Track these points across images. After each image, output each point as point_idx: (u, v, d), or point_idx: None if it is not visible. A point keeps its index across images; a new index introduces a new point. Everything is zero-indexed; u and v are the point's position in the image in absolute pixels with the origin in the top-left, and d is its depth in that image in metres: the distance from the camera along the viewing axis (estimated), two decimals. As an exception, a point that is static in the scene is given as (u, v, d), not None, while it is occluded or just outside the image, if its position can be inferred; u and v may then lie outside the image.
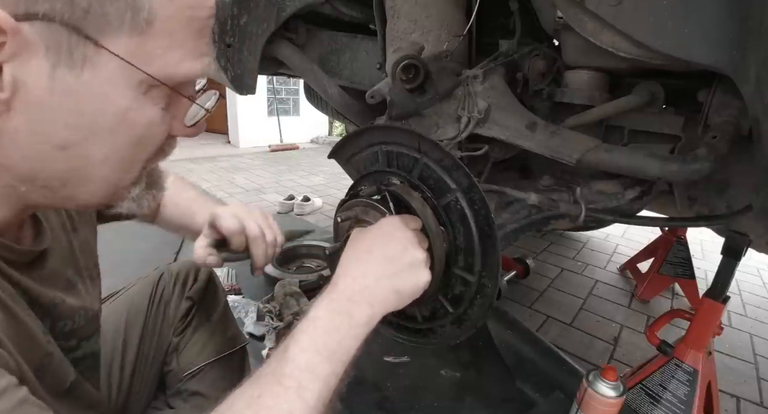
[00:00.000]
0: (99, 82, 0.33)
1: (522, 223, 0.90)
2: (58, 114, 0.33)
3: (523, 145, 0.92)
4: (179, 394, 0.86)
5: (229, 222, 0.67)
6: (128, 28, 0.33)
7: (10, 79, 0.31)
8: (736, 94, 0.72)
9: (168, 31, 0.34)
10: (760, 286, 2.42)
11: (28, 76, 0.31)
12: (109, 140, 0.37)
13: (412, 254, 0.55)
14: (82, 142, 0.36)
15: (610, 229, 3.02)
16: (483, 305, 0.70)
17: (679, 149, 0.88)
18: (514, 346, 1.33)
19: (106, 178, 0.39)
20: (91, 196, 0.40)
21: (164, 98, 0.39)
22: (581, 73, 0.93)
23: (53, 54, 0.31)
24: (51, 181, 0.37)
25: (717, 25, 0.65)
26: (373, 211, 0.71)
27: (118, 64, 0.33)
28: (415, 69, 0.87)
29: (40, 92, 0.32)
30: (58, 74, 0.32)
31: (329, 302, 0.49)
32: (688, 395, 1.12)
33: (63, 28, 0.30)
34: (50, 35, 0.30)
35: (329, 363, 0.43)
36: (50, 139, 0.34)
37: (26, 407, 0.32)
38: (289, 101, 6.70)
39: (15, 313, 0.41)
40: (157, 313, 0.86)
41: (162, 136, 0.41)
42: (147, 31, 0.33)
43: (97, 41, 0.32)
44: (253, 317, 1.45)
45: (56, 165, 0.36)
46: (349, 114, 1.28)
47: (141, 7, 0.32)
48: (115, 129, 0.36)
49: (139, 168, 0.42)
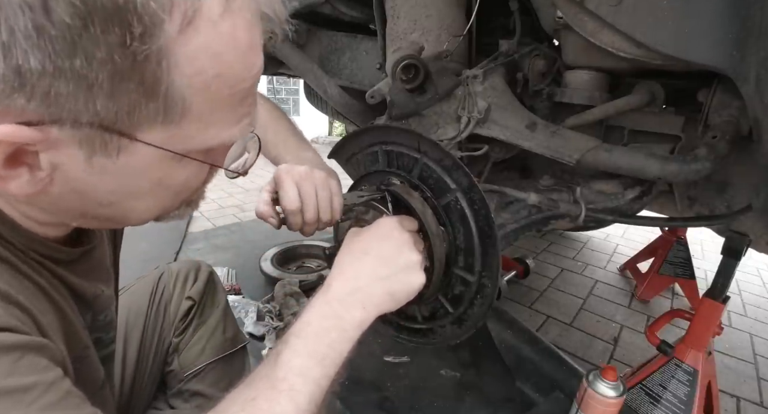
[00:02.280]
0: (135, 164, 0.34)
1: (522, 223, 0.90)
2: (98, 186, 0.35)
3: (523, 145, 0.92)
4: (180, 395, 0.86)
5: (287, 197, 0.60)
6: (162, 122, 0.32)
7: (47, 162, 0.32)
8: (736, 94, 0.72)
9: (205, 114, 0.34)
10: (760, 286, 2.42)
11: (65, 161, 0.32)
12: (149, 198, 0.39)
13: (407, 256, 0.56)
14: (123, 201, 0.38)
15: (610, 229, 3.02)
16: (483, 305, 0.70)
17: (679, 149, 0.88)
18: (514, 346, 1.33)
19: (146, 214, 0.42)
20: (137, 222, 0.43)
21: (201, 157, 0.39)
22: (581, 73, 0.93)
23: (87, 148, 0.32)
24: (100, 219, 0.41)
25: (717, 25, 0.65)
26: (372, 211, 0.71)
27: (152, 150, 0.33)
28: (415, 69, 0.87)
29: (78, 172, 0.33)
30: (95, 160, 0.32)
31: (321, 305, 0.50)
32: (688, 395, 1.12)
33: (95, 129, 0.30)
34: (82, 135, 0.31)
35: (321, 367, 0.44)
36: (94, 200, 0.37)
37: (71, 399, 0.34)
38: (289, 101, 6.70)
39: (61, 307, 0.43)
40: (158, 313, 0.86)
41: (201, 181, 0.43)
42: (182, 120, 0.33)
43: (131, 135, 0.32)
44: (253, 317, 1.45)
45: (103, 214, 0.39)
46: (349, 114, 1.28)
47: (174, 103, 0.31)
48: (153, 190, 0.38)
49: (178, 203, 0.44)
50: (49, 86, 0.27)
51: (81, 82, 0.27)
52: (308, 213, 0.61)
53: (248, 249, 2.18)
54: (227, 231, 2.54)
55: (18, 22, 0.25)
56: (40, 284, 0.42)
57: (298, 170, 0.62)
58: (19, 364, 0.32)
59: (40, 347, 0.35)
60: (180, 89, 0.31)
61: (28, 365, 0.32)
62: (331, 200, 0.63)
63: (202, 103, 0.32)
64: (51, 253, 0.44)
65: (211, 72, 0.31)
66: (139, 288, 0.88)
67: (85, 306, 0.51)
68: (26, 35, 0.25)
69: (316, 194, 0.61)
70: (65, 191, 0.35)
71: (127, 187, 0.36)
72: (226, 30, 0.30)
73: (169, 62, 0.29)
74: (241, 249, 2.21)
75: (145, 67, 0.28)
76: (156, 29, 0.27)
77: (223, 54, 0.31)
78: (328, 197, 0.63)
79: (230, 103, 0.35)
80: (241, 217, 2.87)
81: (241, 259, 2.05)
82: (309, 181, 0.61)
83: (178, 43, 0.29)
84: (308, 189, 0.61)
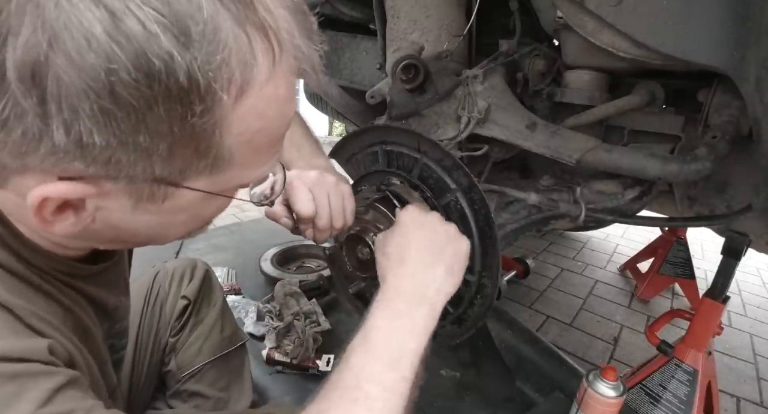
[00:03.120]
0: (177, 205, 0.36)
1: (522, 223, 0.90)
2: (138, 224, 0.37)
3: (523, 145, 0.92)
4: (179, 395, 0.86)
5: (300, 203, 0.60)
6: (209, 172, 0.34)
7: (94, 206, 0.34)
8: (736, 94, 0.72)
9: (246, 161, 0.36)
10: (760, 286, 2.42)
11: (111, 206, 0.34)
12: (182, 228, 0.42)
13: (444, 230, 0.58)
14: (159, 232, 0.41)
15: (610, 229, 3.01)
16: (483, 305, 0.70)
17: (679, 149, 0.88)
18: (514, 346, 1.33)
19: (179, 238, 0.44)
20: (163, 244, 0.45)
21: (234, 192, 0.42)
22: (581, 73, 0.93)
23: (136, 197, 0.34)
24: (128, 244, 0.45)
25: (717, 25, 0.65)
26: (372, 212, 0.71)
27: (196, 193, 0.36)
28: (415, 69, 0.87)
29: (122, 215, 0.35)
30: (140, 205, 0.35)
31: (385, 308, 0.50)
32: (688, 395, 1.12)
33: (145, 183, 0.32)
34: (133, 187, 0.33)
35: (394, 371, 0.44)
36: (130, 232, 0.39)
37: None
38: (289, 101, 6.69)
39: (85, 324, 0.44)
40: (153, 313, 0.86)
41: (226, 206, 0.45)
42: (226, 169, 0.35)
43: (178, 185, 0.34)
44: (253, 317, 1.44)
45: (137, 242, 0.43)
46: (349, 114, 1.28)
47: (221, 159, 0.34)
48: (187, 222, 0.41)
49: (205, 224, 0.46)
50: (110, 156, 0.29)
51: (142, 153, 0.29)
52: (321, 220, 0.61)
53: (248, 249, 2.17)
54: (227, 231, 2.54)
55: (82, 104, 0.26)
56: (65, 304, 0.42)
57: (310, 175, 0.61)
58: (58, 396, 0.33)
59: (74, 380, 0.36)
60: (228, 146, 0.33)
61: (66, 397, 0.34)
62: (343, 206, 0.63)
63: (244, 154, 0.35)
64: (74, 271, 0.45)
65: (255, 127, 0.34)
66: (134, 288, 0.87)
67: (105, 316, 0.51)
68: (91, 116, 0.26)
69: (328, 200, 0.61)
70: (104, 227, 0.36)
71: (165, 223, 0.39)
72: (270, 91, 0.33)
73: (222, 129, 0.31)
74: (241, 249, 2.21)
75: (202, 136, 0.31)
76: (215, 105, 0.29)
77: (266, 111, 0.34)
78: (341, 204, 0.62)
79: (268, 148, 0.38)
80: (241, 217, 2.87)
81: (241, 259, 2.04)
82: (321, 186, 0.61)
83: (231, 111, 0.31)
84: (320, 195, 0.60)
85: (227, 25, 0.28)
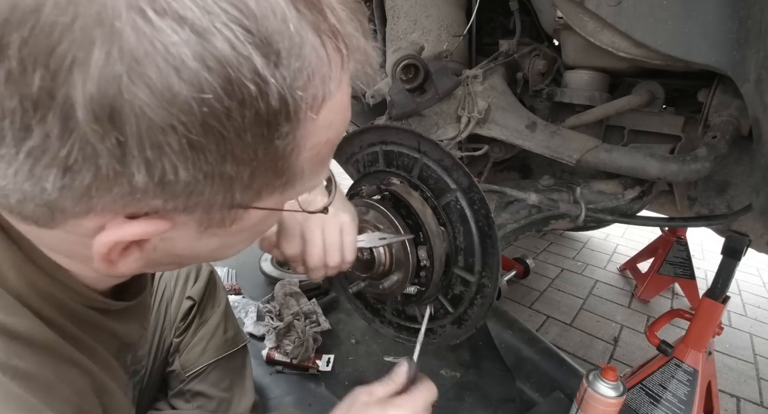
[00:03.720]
0: (245, 226, 0.34)
1: (522, 223, 0.90)
2: (201, 249, 0.34)
3: (523, 145, 0.92)
4: (182, 395, 0.86)
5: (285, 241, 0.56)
6: (281, 191, 0.32)
7: (159, 239, 0.31)
8: (736, 94, 0.72)
9: (312, 171, 0.34)
10: (760, 286, 2.42)
11: (176, 237, 0.31)
12: (242, 245, 0.39)
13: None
14: (221, 253, 0.37)
15: (610, 229, 3.01)
16: (483, 305, 0.70)
17: (679, 149, 0.88)
18: (514, 346, 1.33)
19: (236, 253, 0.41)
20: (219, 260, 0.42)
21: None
22: (581, 73, 0.93)
23: (205, 224, 0.31)
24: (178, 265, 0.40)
25: (717, 25, 0.65)
26: (372, 211, 0.71)
27: (264, 212, 0.33)
28: (415, 69, 0.87)
29: (187, 243, 0.32)
30: (208, 232, 0.32)
31: None
32: (688, 395, 1.12)
33: (221, 210, 0.30)
34: (206, 216, 0.30)
35: None
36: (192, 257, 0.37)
37: None
38: (289, 101, 6.70)
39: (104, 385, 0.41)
40: (159, 313, 0.86)
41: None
42: (295, 184, 0.33)
43: (249, 205, 0.31)
44: (253, 317, 1.44)
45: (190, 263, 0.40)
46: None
47: (296, 175, 0.32)
48: (247, 239, 0.38)
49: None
50: (192, 190, 0.26)
51: (225, 182, 0.27)
52: (311, 258, 0.56)
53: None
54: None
55: (169, 140, 0.23)
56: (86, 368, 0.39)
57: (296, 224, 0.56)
58: None
59: None
60: (301, 163, 0.31)
61: None
62: (341, 242, 0.57)
63: (311, 166, 0.33)
64: (106, 307, 0.42)
65: (324, 139, 0.32)
66: None
67: (129, 349, 0.49)
68: (178, 152, 0.23)
69: (322, 235, 0.56)
70: (165, 255, 0.33)
71: (228, 244, 0.36)
72: (338, 101, 0.30)
73: (301, 147, 0.29)
74: (241, 249, 2.21)
75: (282, 156, 0.28)
76: (299, 125, 0.27)
77: (335, 121, 0.32)
78: (337, 239, 0.56)
79: (329, 156, 0.35)
80: (241, 217, 2.87)
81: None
82: (314, 219, 0.55)
83: (312, 127, 0.29)
84: (312, 229, 0.55)
85: (309, 37, 0.25)
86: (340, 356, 1.35)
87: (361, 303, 0.94)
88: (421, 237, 0.69)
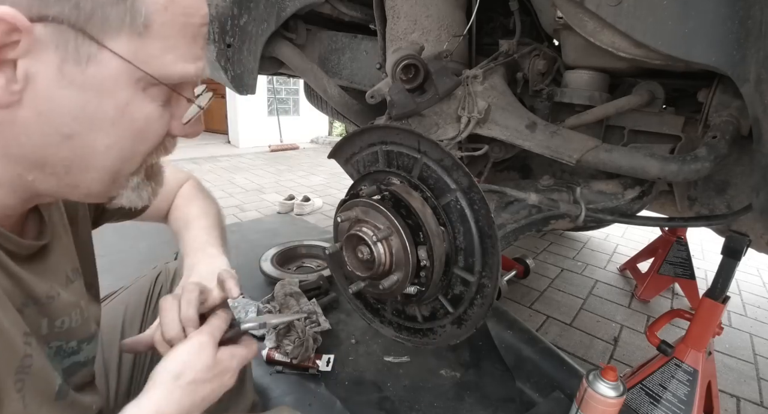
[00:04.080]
0: (102, 78, 0.37)
1: (522, 223, 0.90)
2: (65, 105, 0.37)
3: (523, 145, 0.92)
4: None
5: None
6: (127, 31, 0.36)
7: (23, 73, 0.34)
8: (736, 94, 0.72)
9: (163, 36, 0.38)
10: (760, 286, 2.42)
11: (39, 70, 0.35)
12: (111, 131, 0.40)
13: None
14: (86, 132, 0.39)
15: (610, 229, 3.02)
16: (483, 305, 0.70)
17: (679, 149, 0.88)
18: (514, 346, 1.33)
19: (108, 168, 0.42)
20: (93, 182, 0.43)
21: (162, 96, 0.42)
22: (581, 73, 0.93)
23: (61, 51, 0.35)
24: (57, 169, 0.40)
25: (717, 25, 0.65)
26: (373, 211, 0.71)
27: (118, 63, 0.37)
28: (415, 69, 0.87)
29: (49, 84, 0.36)
30: (66, 69, 0.35)
31: None
32: (688, 395, 1.12)
33: (70, 29, 0.34)
34: (59, 35, 0.34)
35: None
36: (58, 129, 0.38)
37: None
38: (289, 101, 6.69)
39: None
40: (155, 314, 0.86)
41: (161, 132, 0.44)
42: (144, 35, 0.37)
43: (100, 41, 0.36)
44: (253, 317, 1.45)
45: (62, 153, 0.39)
46: (349, 114, 1.28)
47: (138, 12, 0.36)
48: (116, 121, 0.40)
49: (139, 160, 0.45)
50: None
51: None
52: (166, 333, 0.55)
53: (248, 249, 2.17)
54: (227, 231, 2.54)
55: None
56: None
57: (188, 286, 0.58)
58: None
59: None
60: (143, 3, 0.36)
61: None
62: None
63: (161, 24, 0.38)
64: (9, 247, 0.43)
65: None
66: (135, 288, 0.88)
67: (39, 308, 0.47)
68: None
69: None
70: (31, 116, 0.36)
71: (91, 111, 0.38)
72: None
73: None
74: (241, 249, 2.21)
75: None
76: None
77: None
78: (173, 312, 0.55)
79: (184, 34, 0.40)
80: (241, 217, 2.87)
81: (241, 259, 2.05)
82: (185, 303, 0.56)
83: None
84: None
85: None
86: (340, 356, 1.35)
87: (361, 303, 0.94)
88: (421, 237, 0.69)
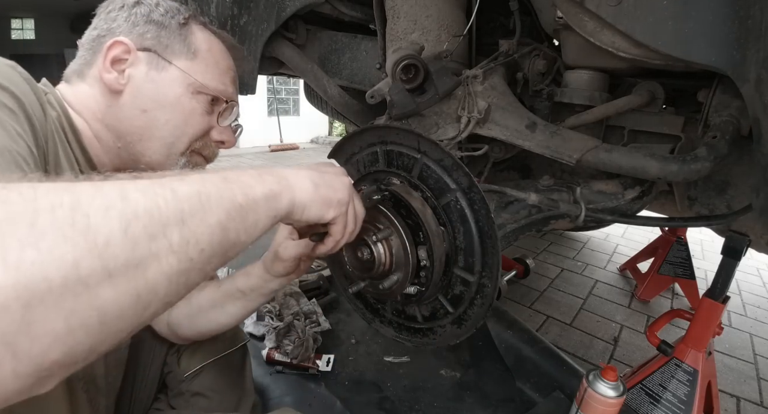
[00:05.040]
0: (169, 79, 0.63)
1: (522, 223, 0.90)
2: (146, 93, 0.62)
3: (523, 145, 0.92)
4: (181, 395, 0.86)
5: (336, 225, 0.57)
6: (185, 56, 0.64)
7: (127, 75, 0.61)
8: (736, 94, 0.72)
9: (205, 63, 0.66)
10: (760, 286, 2.42)
11: (136, 74, 0.62)
12: (168, 110, 0.63)
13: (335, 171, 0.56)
14: (155, 109, 0.63)
15: (610, 229, 3.02)
16: (483, 305, 0.70)
17: (679, 149, 0.88)
18: (514, 346, 1.33)
19: (165, 139, 0.64)
20: (154, 153, 0.64)
21: (204, 103, 0.66)
22: (581, 73, 0.93)
23: (149, 64, 0.62)
24: (134, 137, 0.63)
25: (717, 25, 0.65)
26: (373, 211, 0.71)
27: (179, 72, 0.63)
28: (415, 69, 0.87)
29: (140, 82, 0.62)
30: (150, 74, 0.62)
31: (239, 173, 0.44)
32: (688, 395, 1.12)
33: (154, 54, 0.63)
34: (149, 56, 0.62)
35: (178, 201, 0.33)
36: (140, 106, 0.62)
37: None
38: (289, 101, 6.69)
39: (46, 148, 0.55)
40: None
41: (203, 125, 0.67)
42: (194, 59, 0.65)
43: (169, 60, 0.63)
44: (253, 317, 1.44)
45: (138, 122, 0.62)
46: (349, 114, 1.28)
47: (191, 46, 0.65)
48: (173, 105, 0.63)
49: (186, 140, 0.66)
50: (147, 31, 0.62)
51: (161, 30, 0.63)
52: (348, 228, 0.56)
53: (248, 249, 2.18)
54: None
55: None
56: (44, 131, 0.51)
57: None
58: None
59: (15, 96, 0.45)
60: (195, 43, 0.65)
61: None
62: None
63: (203, 57, 0.65)
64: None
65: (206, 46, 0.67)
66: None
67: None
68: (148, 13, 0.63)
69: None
70: (127, 99, 0.61)
71: (161, 97, 0.62)
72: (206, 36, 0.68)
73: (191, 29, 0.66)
74: (241, 249, 2.21)
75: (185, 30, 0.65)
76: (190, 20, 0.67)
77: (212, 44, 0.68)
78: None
79: (217, 65, 0.68)
80: (241, 217, 2.87)
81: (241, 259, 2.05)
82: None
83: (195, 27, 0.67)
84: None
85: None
86: (340, 356, 1.35)
87: (361, 303, 0.94)
88: (421, 237, 0.69)
